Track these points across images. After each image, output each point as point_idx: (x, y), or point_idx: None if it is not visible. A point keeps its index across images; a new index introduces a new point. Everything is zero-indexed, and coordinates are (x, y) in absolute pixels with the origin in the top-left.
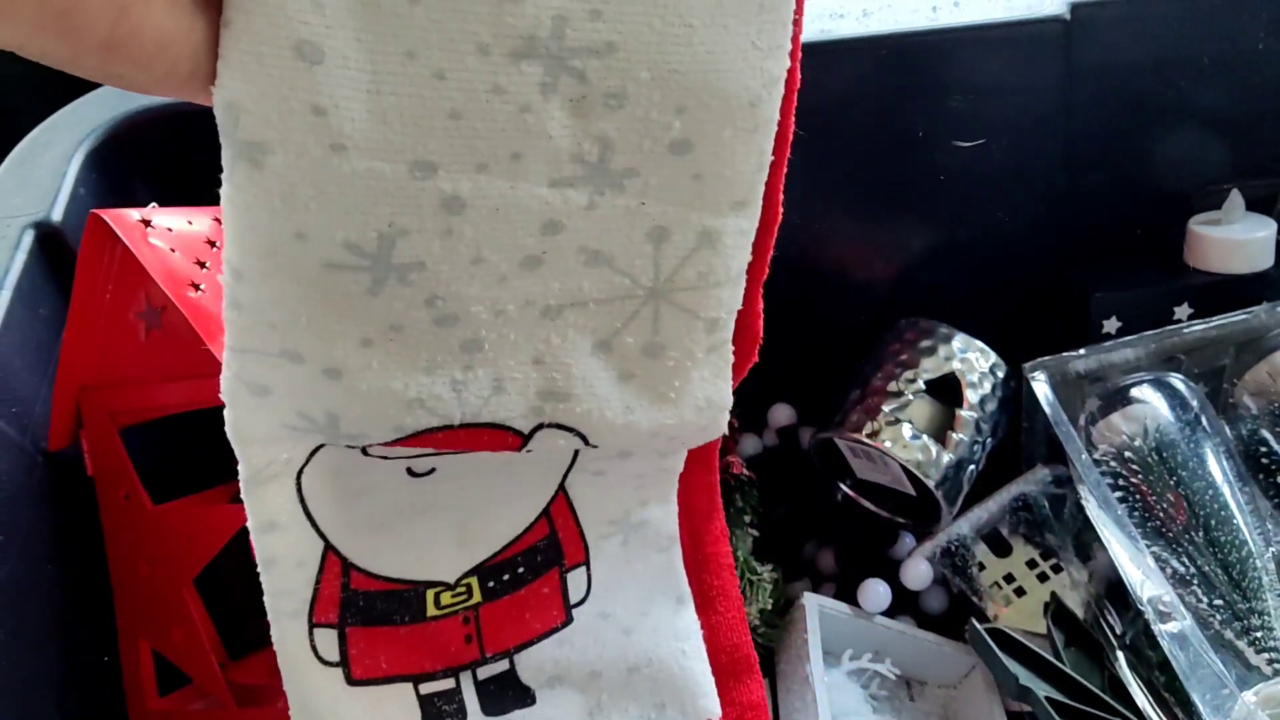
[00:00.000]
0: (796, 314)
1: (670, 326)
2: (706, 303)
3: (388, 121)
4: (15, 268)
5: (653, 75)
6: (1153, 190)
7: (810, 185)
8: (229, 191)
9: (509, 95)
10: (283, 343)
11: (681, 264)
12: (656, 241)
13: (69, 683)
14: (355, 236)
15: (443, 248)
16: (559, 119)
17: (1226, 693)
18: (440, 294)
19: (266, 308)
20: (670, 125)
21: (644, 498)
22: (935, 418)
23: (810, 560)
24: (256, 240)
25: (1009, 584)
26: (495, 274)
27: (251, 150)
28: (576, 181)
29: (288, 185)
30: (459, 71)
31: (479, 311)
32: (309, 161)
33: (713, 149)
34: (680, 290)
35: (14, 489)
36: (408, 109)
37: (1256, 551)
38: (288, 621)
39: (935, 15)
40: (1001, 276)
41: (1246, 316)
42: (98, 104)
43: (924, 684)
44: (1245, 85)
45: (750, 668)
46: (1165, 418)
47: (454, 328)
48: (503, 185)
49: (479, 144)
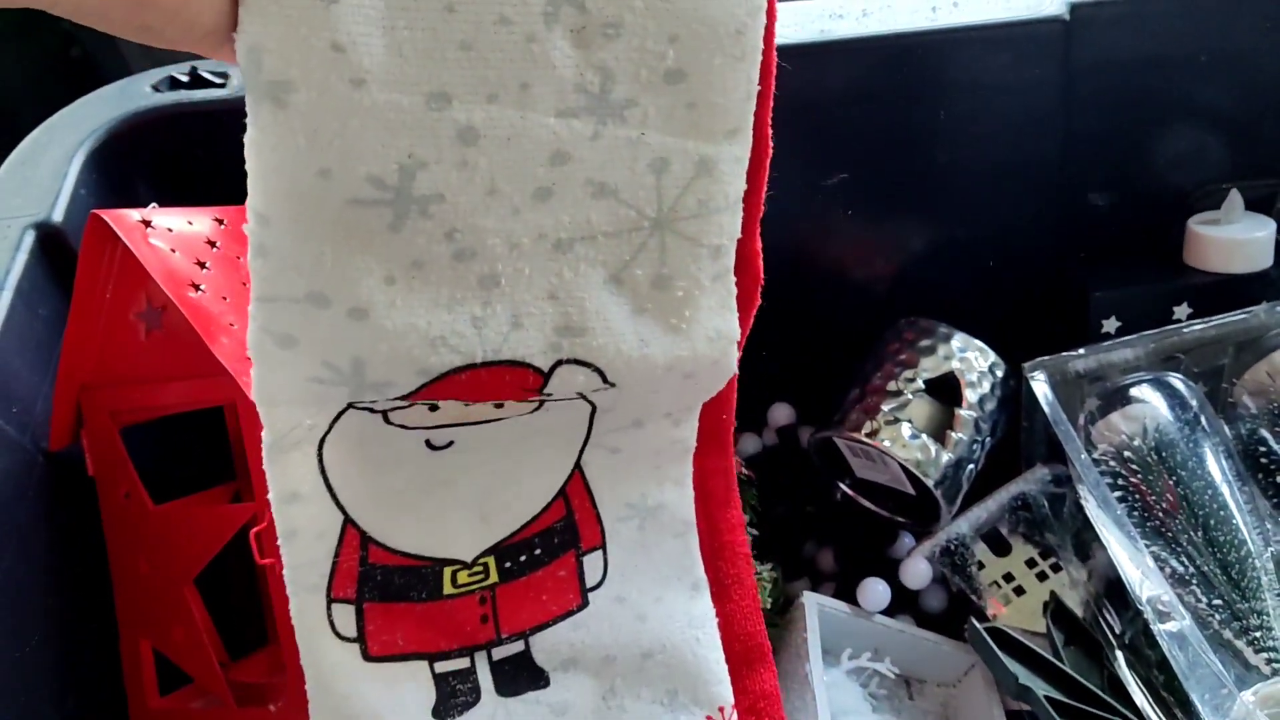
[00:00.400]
0: (796, 314)
1: (676, 256)
2: (708, 229)
3: (404, 55)
4: (16, 268)
5: (646, 4)
6: (1152, 190)
7: (810, 185)
8: (253, 135)
9: (515, 26)
10: (309, 286)
11: (682, 193)
12: (658, 172)
13: (69, 682)
14: (378, 169)
15: (460, 179)
16: (562, 48)
17: (1225, 692)
18: (459, 226)
19: (292, 251)
20: (664, 54)
21: (660, 477)
22: (934, 417)
23: (810, 559)
24: (281, 182)
25: (1008, 583)
26: (509, 206)
27: (275, 90)
28: (580, 111)
29: (312, 122)
30: (468, 4)
31: (495, 245)
32: (331, 97)
33: (704, 77)
34: (683, 219)
35: (14, 488)
36: (421, 42)
37: (1255, 551)
38: (306, 595)
39: (935, 15)
40: (1001, 276)
41: (1246, 316)
42: (98, 105)
43: (923, 683)
44: (1245, 85)
45: (764, 656)
46: (1164, 417)
47: (472, 263)
48: (513, 115)
49: (489, 74)
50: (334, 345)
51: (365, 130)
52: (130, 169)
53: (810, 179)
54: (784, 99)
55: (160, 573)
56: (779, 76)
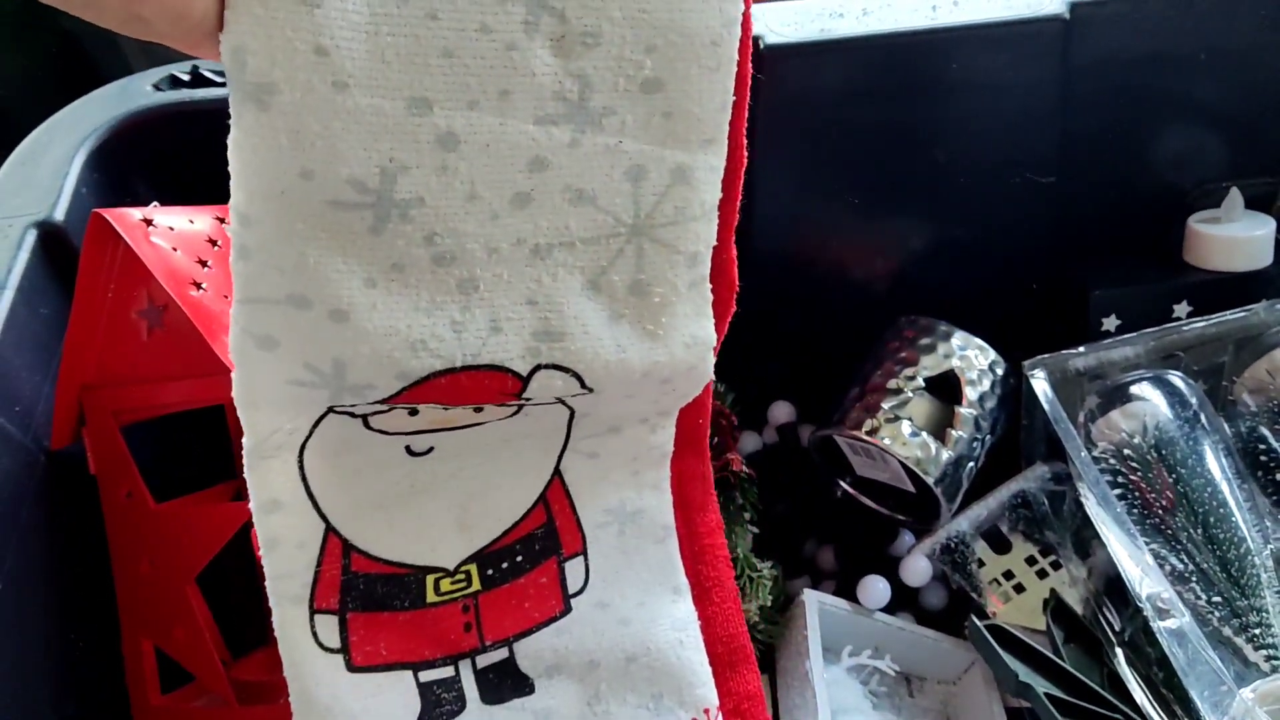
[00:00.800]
0: (796, 312)
1: (653, 263)
2: (685, 236)
3: (386, 60)
4: (18, 267)
5: (624, 14)
6: (1152, 188)
7: (810, 185)
8: (237, 136)
9: (496, 34)
10: (290, 287)
11: (659, 201)
12: (635, 180)
13: (70, 681)
14: (359, 172)
15: (440, 183)
16: (542, 57)
17: (1225, 689)
18: (438, 230)
19: (274, 251)
20: (642, 64)
21: (638, 483)
22: (935, 415)
23: (810, 557)
24: (264, 182)
25: (1008, 580)
26: (488, 211)
27: (259, 91)
28: (559, 119)
29: (294, 123)
30: (450, 11)
31: (474, 250)
32: (314, 99)
33: (681, 87)
34: (659, 226)
35: (16, 487)
36: (404, 48)
37: (1255, 549)
38: (289, 606)
39: (935, 14)
40: (1001, 274)
41: (1245, 314)
42: (99, 104)
43: (923, 680)
44: (1244, 84)
45: (747, 658)
46: (1164, 415)
47: (451, 267)
48: (492, 122)
49: (470, 81)
50: (315, 347)
51: (347, 133)
52: (131, 168)
53: (810, 178)
54: (784, 98)
55: (162, 571)
56: (779, 76)
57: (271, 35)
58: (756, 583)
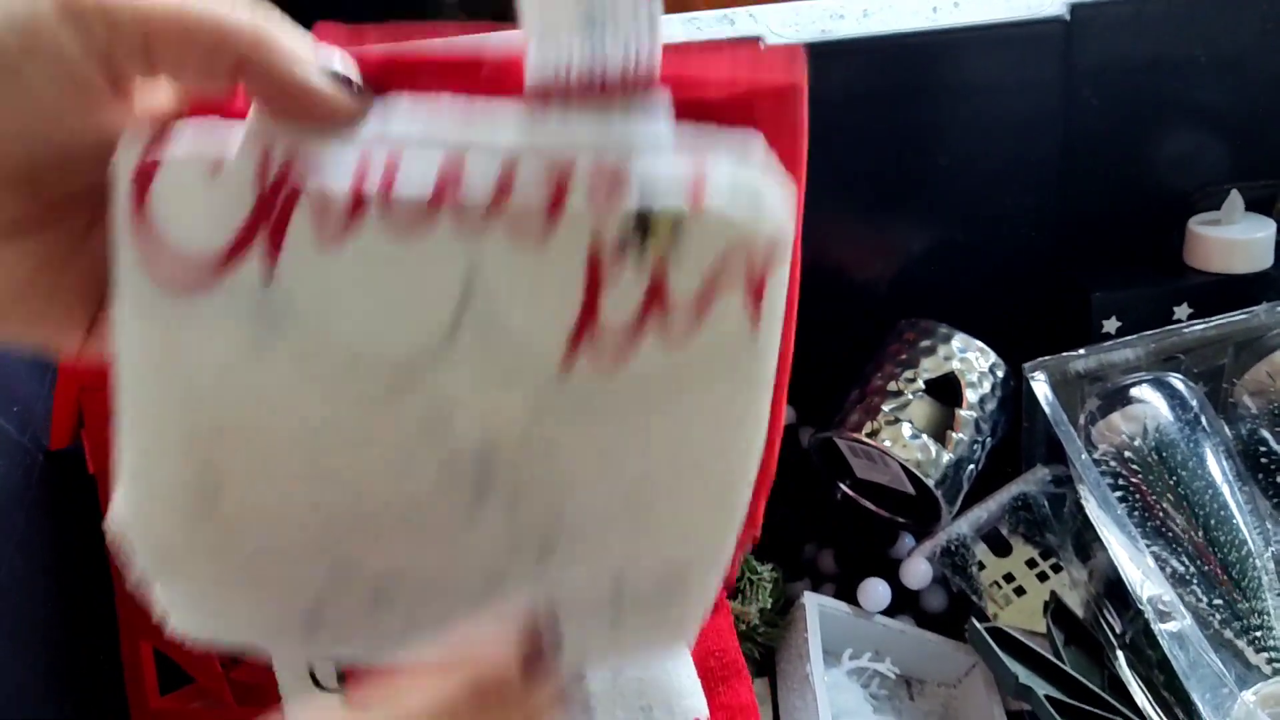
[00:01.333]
0: (797, 314)
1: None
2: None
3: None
4: None
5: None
6: (1152, 190)
7: (810, 185)
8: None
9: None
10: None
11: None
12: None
13: (70, 682)
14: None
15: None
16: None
17: (1226, 692)
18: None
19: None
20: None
21: None
22: (935, 417)
23: (810, 560)
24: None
25: (1009, 583)
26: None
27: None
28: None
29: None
30: None
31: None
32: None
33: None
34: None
35: (15, 487)
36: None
37: (1256, 551)
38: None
39: (935, 15)
40: (1001, 276)
41: (1246, 316)
42: None
43: (924, 683)
44: (1245, 86)
45: (739, 671)
46: (1165, 417)
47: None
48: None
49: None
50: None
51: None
52: None
53: (810, 180)
54: None
55: None
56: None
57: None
58: (757, 586)
